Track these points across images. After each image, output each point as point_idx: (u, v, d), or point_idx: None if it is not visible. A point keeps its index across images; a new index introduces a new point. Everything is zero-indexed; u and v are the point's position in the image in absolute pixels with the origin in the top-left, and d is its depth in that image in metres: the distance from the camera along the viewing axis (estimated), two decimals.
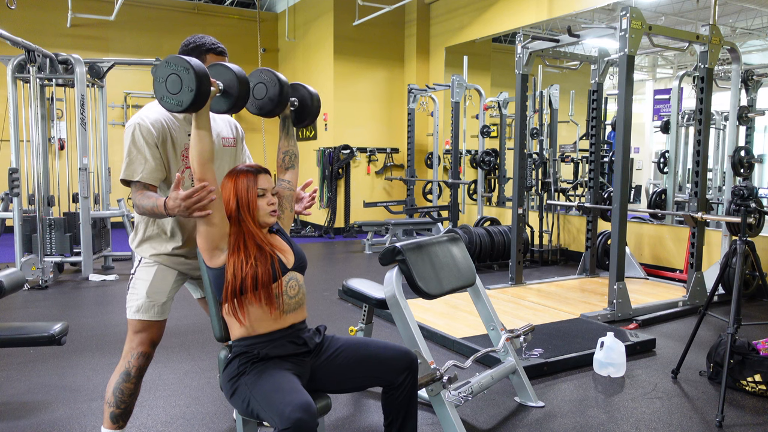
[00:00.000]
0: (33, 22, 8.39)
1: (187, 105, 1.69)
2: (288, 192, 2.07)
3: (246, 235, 1.82)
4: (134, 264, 2.10)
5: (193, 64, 1.68)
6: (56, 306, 4.63)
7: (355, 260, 6.92)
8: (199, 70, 1.69)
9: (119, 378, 2.04)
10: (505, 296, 4.75)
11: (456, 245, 2.60)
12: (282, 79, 1.98)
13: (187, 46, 2.02)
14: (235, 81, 1.80)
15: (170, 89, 1.71)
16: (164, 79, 1.72)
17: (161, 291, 2.05)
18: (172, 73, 1.70)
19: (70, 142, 7.04)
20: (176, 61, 1.69)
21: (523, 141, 5.22)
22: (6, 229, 5.84)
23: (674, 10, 7.50)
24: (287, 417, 1.53)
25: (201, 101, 1.71)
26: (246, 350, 1.80)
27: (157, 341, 2.08)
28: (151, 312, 2.03)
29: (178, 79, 1.69)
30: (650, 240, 5.94)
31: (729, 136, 4.97)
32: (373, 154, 8.94)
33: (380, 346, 1.93)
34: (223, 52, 2.04)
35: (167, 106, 1.73)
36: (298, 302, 1.88)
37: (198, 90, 1.68)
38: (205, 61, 1.99)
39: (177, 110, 1.73)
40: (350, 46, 8.70)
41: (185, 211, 1.72)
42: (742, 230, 2.97)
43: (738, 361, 2.88)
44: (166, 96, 1.72)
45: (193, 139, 1.76)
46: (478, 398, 2.77)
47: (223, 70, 1.82)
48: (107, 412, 2.05)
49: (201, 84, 1.68)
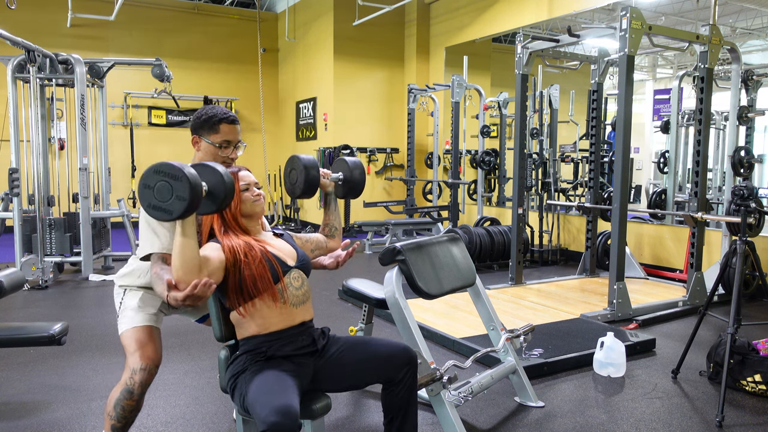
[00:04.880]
0: (33, 22, 8.39)
1: (178, 214, 1.57)
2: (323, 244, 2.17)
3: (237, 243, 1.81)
4: (119, 296, 2.07)
5: (187, 172, 1.57)
6: (56, 306, 4.64)
7: (355, 260, 6.92)
8: (192, 178, 1.57)
9: (120, 394, 1.98)
10: (505, 296, 4.75)
11: (456, 245, 2.60)
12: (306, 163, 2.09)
13: (199, 119, 2.01)
14: (221, 183, 1.69)
15: (158, 197, 1.58)
16: (152, 185, 1.59)
17: (152, 304, 2.05)
18: (161, 180, 1.57)
19: (70, 142, 7.03)
20: (166, 168, 1.57)
21: (523, 141, 5.22)
22: (6, 229, 5.84)
23: (674, 10, 7.50)
24: (263, 419, 1.53)
25: (192, 210, 1.60)
26: (253, 348, 1.80)
27: (156, 358, 2.01)
28: (144, 317, 2.01)
29: (168, 186, 1.57)
30: (650, 240, 5.94)
31: (729, 136, 4.97)
32: (373, 154, 8.94)
33: (379, 343, 1.94)
34: (235, 120, 2.03)
35: (154, 216, 1.59)
36: (304, 295, 1.88)
37: (191, 200, 1.56)
38: (218, 132, 1.99)
39: (165, 219, 1.60)
40: (350, 46, 8.70)
41: (189, 307, 1.68)
42: (742, 230, 2.97)
43: (738, 361, 2.88)
44: (154, 203, 1.59)
45: (177, 247, 1.62)
46: (478, 398, 2.77)
47: (210, 171, 1.70)
48: (108, 424, 2.02)
49: (194, 194, 1.57)
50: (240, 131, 2.06)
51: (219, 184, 1.69)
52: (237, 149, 2.05)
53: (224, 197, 1.71)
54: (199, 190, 1.60)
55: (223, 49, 9.89)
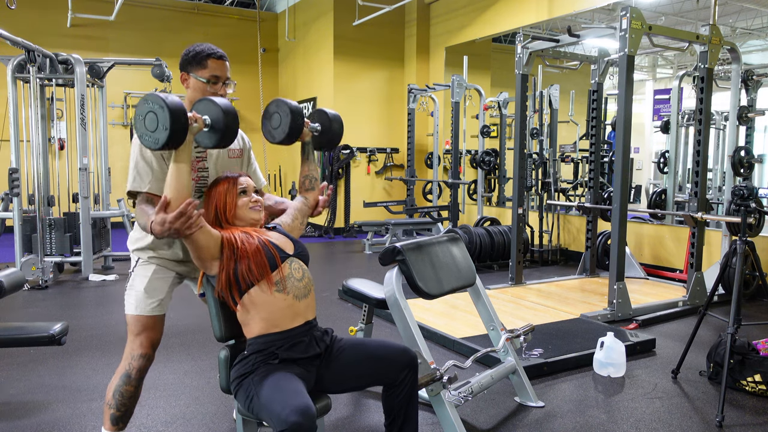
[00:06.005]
0: (33, 22, 8.39)
1: (162, 143, 1.65)
2: (303, 207, 2.15)
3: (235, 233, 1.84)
4: (132, 263, 2.10)
5: (168, 101, 1.63)
6: (56, 306, 4.63)
7: (355, 260, 6.92)
8: (173, 107, 1.63)
9: (119, 380, 2.03)
10: (505, 296, 4.75)
11: (456, 245, 2.60)
12: (294, 108, 2.02)
13: (187, 55, 2.01)
14: (221, 115, 1.76)
15: (148, 127, 1.67)
16: (143, 116, 1.68)
17: (159, 288, 2.05)
18: (149, 110, 1.66)
19: (70, 142, 7.04)
20: (153, 98, 1.65)
21: (523, 141, 5.22)
22: (6, 229, 5.84)
23: (674, 10, 7.50)
24: (284, 420, 1.53)
25: (177, 139, 1.66)
26: (263, 348, 1.79)
27: (156, 343, 2.08)
28: (150, 307, 2.03)
29: (155, 116, 1.65)
30: (650, 240, 5.94)
31: (729, 136, 4.97)
32: (373, 154, 8.94)
33: (380, 344, 1.94)
34: (223, 56, 2.03)
35: (146, 144, 1.69)
36: (306, 287, 1.88)
37: (172, 128, 1.63)
38: (206, 67, 1.98)
39: (155, 148, 1.68)
40: (350, 46, 8.70)
41: (176, 233, 1.69)
42: (742, 230, 2.97)
43: (738, 361, 2.88)
44: (145, 134, 1.68)
45: (171, 174, 1.71)
46: (478, 398, 2.77)
47: (209, 105, 1.79)
48: (107, 414, 2.05)
49: (175, 122, 1.63)
50: (229, 68, 2.04)
51: (218, 115, 1.76)
52: (227, 86, 2.03)
53: (225, 129, 1.77)
54: (182, 118, 1.64)
55: (223, 49, 9.45)
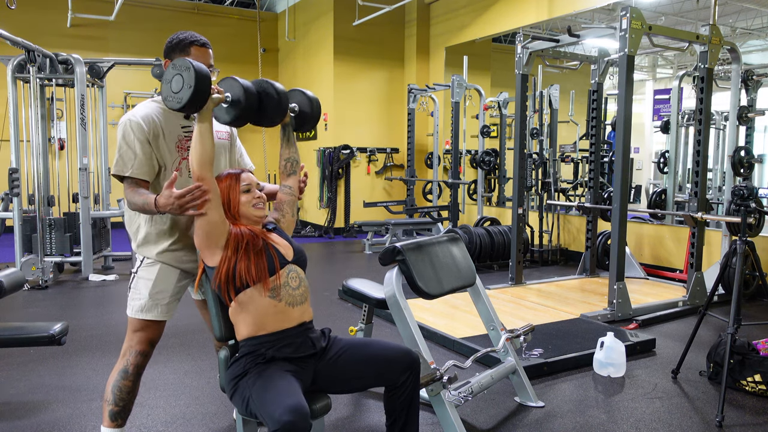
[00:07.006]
0: (33, 22, 8.39)
1: (185, 101, 1.74)
2: (289, 197, 2.12)
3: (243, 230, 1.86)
4: (136, 264, 2.10)
5: (194, 64, 1.76)
6: (56, 306, 4.63)
7: (355, 260, 6.92)
8: (198, 68, 1.75)
9: (117, 376, 2.04)
10: (505, 296, 4.75)
11: (456, 245, 2.60)
12: (279, 89, 2.01)
13: (170, 42, 2.02)
14: (242, 93, 1.89)
15: (173, 89, 1.78)
16: (170, 80, 1.79)
17: (164, 290, 2.04)
18: (176, 74, 1.78)
19: (70, 142, 7.03)
20: (180, 62, 1.78)
21: (523, 141, 5.22)
22: (6, 229, 5.84)
23: (674, 10, 7.50)
24: (277, 419, 1.54)
25: (199, 99, 1.76)
26: (253, 350, 1.80)
27: (155, 341, 2.08)
28: (155, 312, 2.02)
29: (181, 78, 1.76)
30: (650, 240, 5.93)
31: (729, 136, 4.97)
32: (373, 154, 8.94)
33: (382, 346, 1.93)
34: (206, 44, 2.04)
35: (170, 105, 1.79)
36: (302, 295, 1.88)
37: (196, 87, 1.73)
38: (189, 54, 2.00)
39: (177, 107, 1.77)
40: (350, 46, 8.69)
41: (178, 209, 1.76)
42: (742, 230, 2.96)
43: (738, 361, 2.88)
44: (170, 96, 1.79)
45: (195, 139, 1.81)
46: (478, 398, 2.77)
47: (232, 83, 1.92)
48: (106, 411, 2.05)
49: (199, 81, 1.74)
50: (212, 56, 2.05)
51: (240, 93, 1.89)
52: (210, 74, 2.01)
53: (245, 106, 1.90)
54: (207, 80, 1.76)
55: (223, 49, 9.86)
